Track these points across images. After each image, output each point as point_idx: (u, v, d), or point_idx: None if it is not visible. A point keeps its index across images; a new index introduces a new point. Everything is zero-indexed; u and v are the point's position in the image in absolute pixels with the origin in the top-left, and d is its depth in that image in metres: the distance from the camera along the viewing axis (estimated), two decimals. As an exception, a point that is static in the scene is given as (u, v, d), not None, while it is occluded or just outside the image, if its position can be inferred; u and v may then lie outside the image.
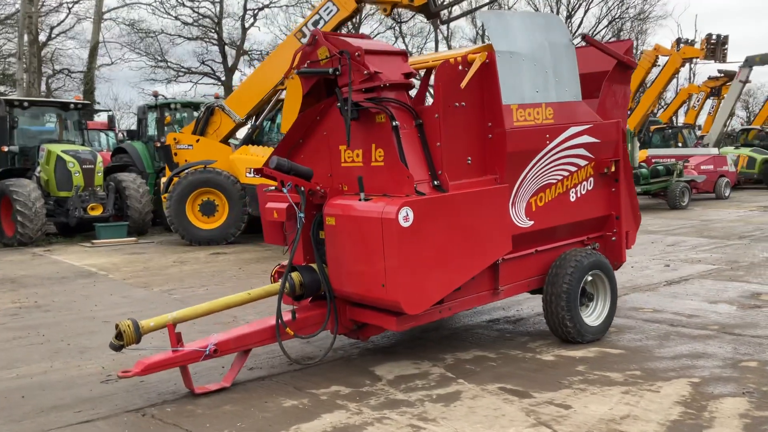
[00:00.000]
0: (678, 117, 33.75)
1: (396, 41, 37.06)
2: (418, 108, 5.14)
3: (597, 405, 4.37)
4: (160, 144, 15.69)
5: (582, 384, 4.76)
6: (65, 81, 36.09)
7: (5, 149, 14.75)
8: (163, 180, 13.92)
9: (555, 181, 5.67)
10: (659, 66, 22.39)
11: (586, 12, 41.13)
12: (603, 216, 6.16)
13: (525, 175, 5.43)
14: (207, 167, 13.08)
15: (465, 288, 5.19)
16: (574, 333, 5.59)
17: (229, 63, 36.42)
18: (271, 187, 5.75)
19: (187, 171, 13.04)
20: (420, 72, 6.45)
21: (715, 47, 22.27)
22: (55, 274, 10.42)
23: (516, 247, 5.39)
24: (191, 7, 34.88)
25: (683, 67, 24.09)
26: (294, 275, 5.17)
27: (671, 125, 28.20)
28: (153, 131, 17.10)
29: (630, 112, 20.46)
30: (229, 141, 14.10)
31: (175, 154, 13.57)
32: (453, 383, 4.88)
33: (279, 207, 5.42)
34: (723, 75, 26.07)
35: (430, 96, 6.94)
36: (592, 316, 5.84)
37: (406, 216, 4.56)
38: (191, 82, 37.64)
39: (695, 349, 5.51)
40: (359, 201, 4.89)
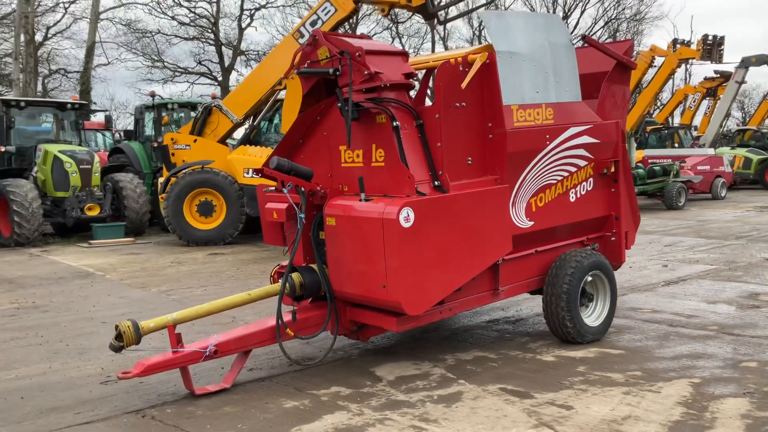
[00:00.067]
0: (674, 118, 33.84)
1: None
2: (418, 108, 5.13)
3: (598, 405, 4.37)
4: (157, 144, 15.65)
5: (583, 384, 4.76)
6: (61, 81, 36.04)
7: (2, 149, 14.71)
8: (161, 180, 13.89)
9: (555, 182, 5.67)
10: (655, 67, 22.42)
11: (582, 13, 41.20)
12: (602, 216, 6.17)
13: (525, 176, 5.43)
14: (205, 167, 13.06)
15: (465, 288, 5.19)
16: (574, 333, 5.59)
17: (226, 63, 36.34)
18: (271, 188, 5.74)
19: (185, 171, 13.00)
20: (420, 72, 6.44)
21: (711, 48, 22.34)
22: (53, 274, 10.38)
23: (516, 248, 5.39)
24: (188, 7, 34.80)
25: (679, 68, 24.15)
26: (294, 276, 5.16)
27: (667, 126, 28.26)
28: (150, 131, 17.05)
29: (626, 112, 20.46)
30: (227, 141, 14.09)
31: (173, 154, 13.53)
32: (454, 384, 4.88)
33: (279, 207, 5.41)
34: (719, 76, 26.11)
35: (428, 98, 6.94)
36: (592, 316, 5.84)
37: (407, 216, 4.55)
38: (188, 82, 37.53)
39: (695, 350, 5.51)
40: (360, 201, 4.88)
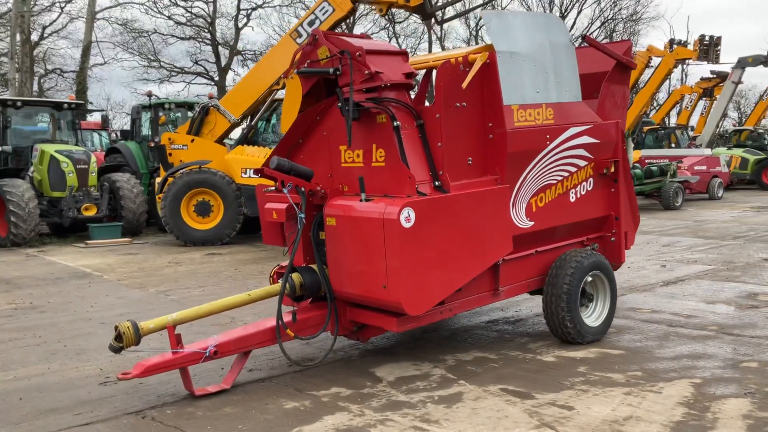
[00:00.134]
0: (671, 118, 33.88)
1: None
2: (418, 108, 5.12)
3: (599, 406, 4.36)
4: (154, 144, 15.60)
5: (584, 385, 4.76)
6: (58, 81, 35.99)
7: (-1, 149, 14.68)
8: (158, 180, 13.85)
9: (555, 182, 5.66)
10: (652, 67, 22.47)
11: (579, 13, 41.28)
12: (602, 216, 6.17)
13: (525, 176, 5.42)
14: (202, 167, 13.03)
15: (466, 289, 5.18)
16: (574, 334, 5.58)
17: (223, 63, 36.33)
18: (271, 188, 5.72)
19: (182, 171, 12.97)
20: (420, 72, 6.42)
21: (708, 48, 22.36)
22: (50, 274, 10.34)
23: (516, 248, 5.39)
24: (184, 7, 34.81)
25: (676, 69, 24.19)
26: (294, 276, 5.14)
27: (664, 126, 28.32)
28: (147, 131, 17.02)
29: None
30: (224, 141, 14.06)
31: (170, 154, 13.49)
32: (454, 384, 4.87)
33: (278, 207, 5.39)
34: (715, 76, 26.18)
35: (427, 99, 6.92)
36: (592, 316, 5.83)
37: (407, 216, 4.54)
38: (184, 82, 37.52)
39: (695, 350, 5.51)
40: (360, 201, 4.86)
